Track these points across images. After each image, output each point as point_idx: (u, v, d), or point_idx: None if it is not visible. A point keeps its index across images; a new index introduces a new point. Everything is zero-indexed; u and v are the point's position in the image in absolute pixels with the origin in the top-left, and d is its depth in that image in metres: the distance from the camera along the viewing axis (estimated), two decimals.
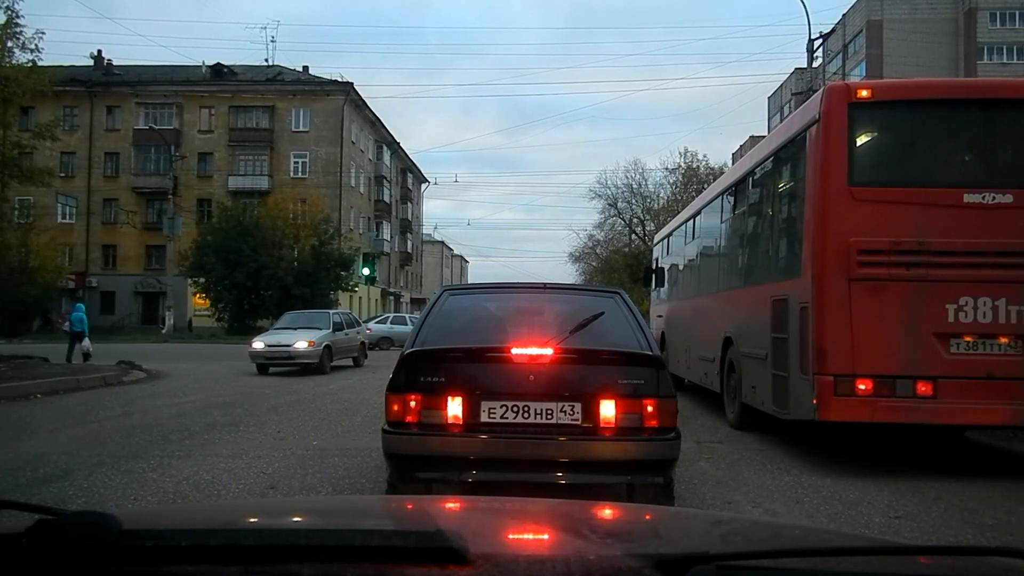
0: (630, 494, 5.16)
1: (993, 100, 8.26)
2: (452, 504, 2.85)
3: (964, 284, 7.47)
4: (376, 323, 39.47)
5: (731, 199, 11.91)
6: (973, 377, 7.37)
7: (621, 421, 5.14)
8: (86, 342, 22.86)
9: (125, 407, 12.42)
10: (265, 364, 19.82)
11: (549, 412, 5.13)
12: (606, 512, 2.45)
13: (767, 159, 10.13)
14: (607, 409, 5.12)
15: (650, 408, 5.16)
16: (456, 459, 5.20)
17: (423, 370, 5.28)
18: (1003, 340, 7.44)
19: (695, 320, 13.86)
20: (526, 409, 5.14)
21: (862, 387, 7.45)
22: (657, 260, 19.01)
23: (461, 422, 5.15)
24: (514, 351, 5.31)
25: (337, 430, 10.17)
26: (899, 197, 7.66)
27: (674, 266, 16.86)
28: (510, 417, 5.14)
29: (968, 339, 7.48)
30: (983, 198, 7.52)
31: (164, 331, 27.04)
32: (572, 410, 5.13)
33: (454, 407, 5.17)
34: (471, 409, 5.15)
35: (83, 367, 17.34)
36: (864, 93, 7.96)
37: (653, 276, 18.55)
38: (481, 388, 5.21)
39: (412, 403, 5.22)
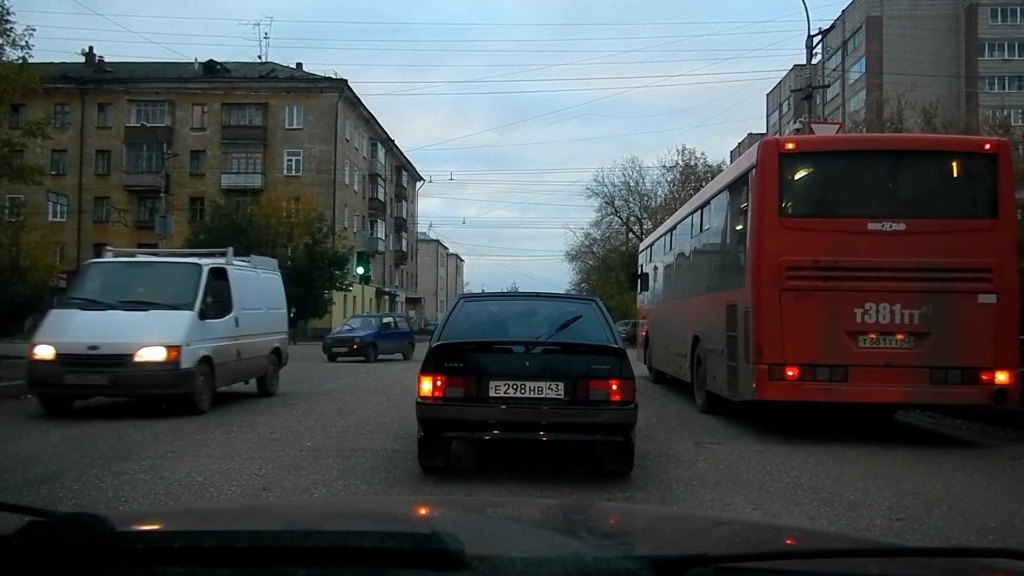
0: (601, 450, 7.14)
1: (890, 151, 10.85)
2: (448, 505, 2.94)
3: (869, 293, 9.61)
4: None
5: (697, 220, 14.12)
6: (876, 365, 9.53)
7: (593, 395, 6.81)
8: None
9: (117, 407, 12.34)
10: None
11: (540, 389, 6.79)
12: (603, 513, 2.49)
13: (720, 192, 12.51)
14: (582, 386, 6.79)
15: (615, 386, 6.79)
16: (471, 422, 6.88)
17: (447, 358, 6.95)
18: (899, 336, 9.63)
19: (672, 321, 16.01)
20: (522, 386, 6.79)
21: (790, 373, 9.58)
22: (642, 267, 21.50)
23: (475, 395, 6.81)
24: (514, 344, 7.16)
25: (331, 431, 10.11)
26: (818, 226, 9.91)
27: (655, 273, 19.24)
28: (511, 392, 6.78)
29: (872, 336, 9.64)
30: (883, 226, 9.77)
31: None
32: (557, 388, 6.80)
33: (469, 385, 6.84)
34: (482, 386, 6.81)
35: None
36: (790, 146, 10.39)
37: (639, 281, 21.30)
38: (489, 371, 6.85)
39: (439, 382, 6.84)
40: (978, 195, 10.24)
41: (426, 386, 6.89)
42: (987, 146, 10.27)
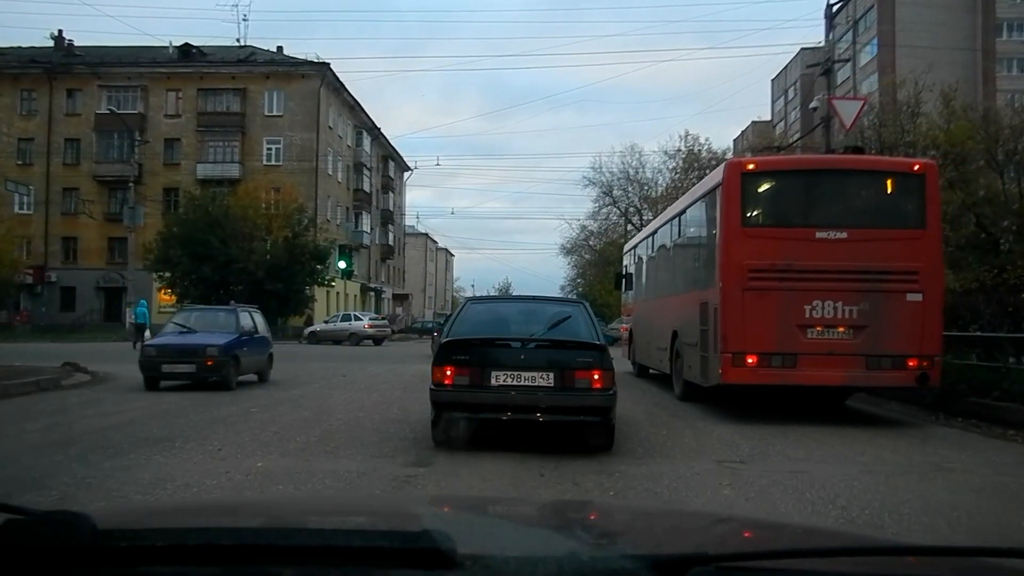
0: (587, 429, 8.45)
1: (834, 170, 12.83)
2: (440, 503, 2.92)
3: (816, 292, 11.45)
4: None
5: (676, 227, 16.23)
6: (821, 353, 11.37)
7: (578, 383, 8.17)
8: (147, 333, 28.21)
9: (52, 418, 11.42)
10: None
11: (533, 378, 8.17)
12: (600, 511, 2.50)
13: (692, 204, 14.75)
14: (569, 376, 8.16)
15: (596, 376, 8.18)
16: (475, 404, 8.32)
17: (455, 351, 8.39)
18: (841, 329, 11.50)
19: (653, 318, 17.98)
20: (519, 376, 8.14)
21: (750, 360, 11.46)
22: (626, 268, 23.71)
23: (479, 383, 8.18)
24: (512, 340, 8.54)
25: (289, 447, 9.05)
26: (774, 234, 11.82)
27: (638, 274, 21.47)
28: (509, 381, 8.15)
29: (819, 328, 11.50)
30: (828, 235, 11.64)
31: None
32: (548, 377, 8.16)
33: (474, 374, 8.22)
34: (484, 376, 8.18)
35: (16, 370, 16.11)
36: (751, 167, 12.54)
37: (623, 281, 23.57)
38: (491, 363, 8.23)
39: (448, 372, 8.24)
40: (909, 209, 12.16)
41: (438, 375, 8.32)
42: (916, 167, 12.44)
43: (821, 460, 8.59)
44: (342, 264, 46.32)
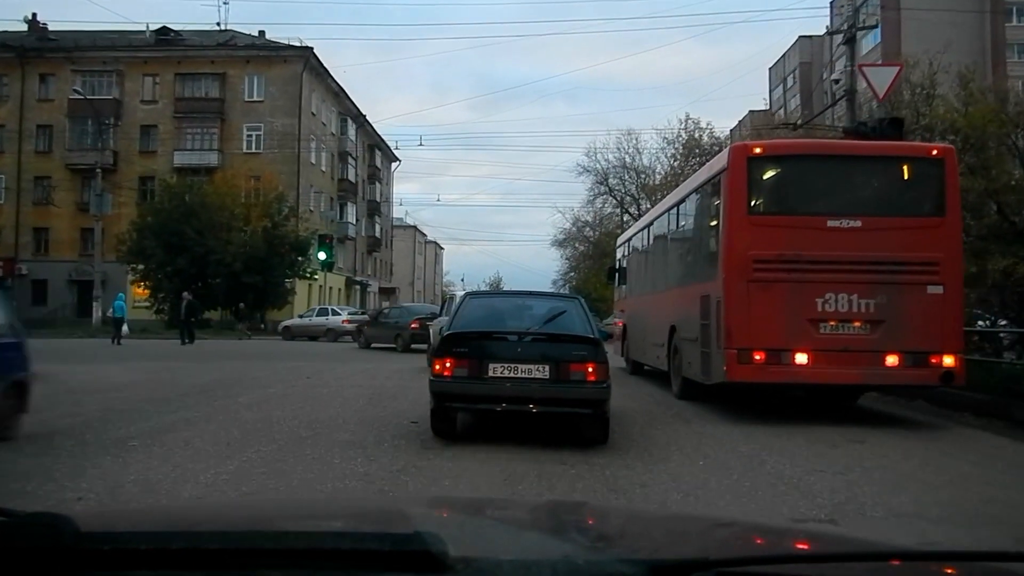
0: (578, 420, 8.81)
1: (846, 156, 12.27)
2: (432, 504, 2.86)
3: (828, 284, 10.88)
4: None
5: (673, 217, 15.81)
6: (835, 350, 10.84)
7: (572, 376, 8.53)
8: (124, 328, 28.78)
9: None
10: None
11: (529, 371, 8.48)
12: (596, 514, 2.54)
13: (693, 192, 14.22)
14: (564, 369, 8.50)
15: (591, 369, 8.49)
16: (472, 396, 8.72)
17: (454, 344, 8.78)
18: (856, 324, 10.92)
19: (649, 313, 17.49)
20: (515, 368, 8.49)
21: (757, 357, 10.85)
22: (620, 261, 23.17)
23: (477, 375, 8.55)
24: (509, 333, 9.03)
25: (185, 490, 6.78)
26: (783, 223, 11.22)
27: (633, 267, 21.11)
28: (506, 373, 8.50)
29: (832, 323, 10.92)
30: (841, 223, 11.07)
31: None
32: (543, 370, 8.48)
33: (473, 366, 8.57)
34: (482, 367, 8.54)
35: None
36: (758, 150, 11.93)
37: (617, 275, 22.87)
38: (489, 355, 8.59)
39: (448, 363, 8.61)
40: (927, 196, 11.61)
41: (437, 367, 8.61)
42: (934, 152, 11.82)
43: (941, 517, 6.25)
44: (322, 255, 44.31)
